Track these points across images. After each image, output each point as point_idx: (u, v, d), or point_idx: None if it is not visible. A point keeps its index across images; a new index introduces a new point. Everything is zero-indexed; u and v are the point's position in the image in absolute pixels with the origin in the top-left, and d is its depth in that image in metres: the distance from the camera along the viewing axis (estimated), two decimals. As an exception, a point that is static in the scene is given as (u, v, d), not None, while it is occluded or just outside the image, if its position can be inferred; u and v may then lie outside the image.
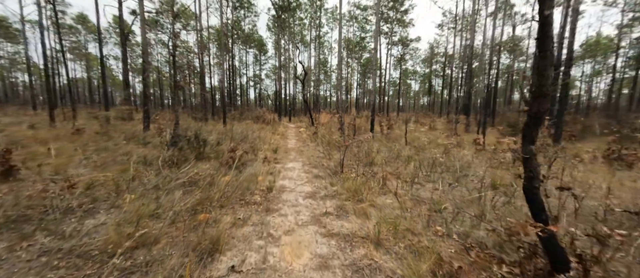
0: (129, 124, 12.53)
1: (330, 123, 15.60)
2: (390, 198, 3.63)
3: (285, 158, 6.52)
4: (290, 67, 30.65)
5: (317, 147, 8.19)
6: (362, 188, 3.77)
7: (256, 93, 45.10)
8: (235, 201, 3.44)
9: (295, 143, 9.26)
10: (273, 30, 30.42)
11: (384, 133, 10.26)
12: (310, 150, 7.67)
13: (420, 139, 8.65)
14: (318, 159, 6.45)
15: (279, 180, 4.59)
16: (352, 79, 42.39)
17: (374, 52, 9.21)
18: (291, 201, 3.61)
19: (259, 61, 39.71)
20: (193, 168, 4.68)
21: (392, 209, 3.26)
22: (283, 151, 7.46)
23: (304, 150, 7.69)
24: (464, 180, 4.41)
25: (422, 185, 4.27)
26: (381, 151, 6.68)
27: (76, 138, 7.90)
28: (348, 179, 4.43)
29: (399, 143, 8.22)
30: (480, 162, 5.71)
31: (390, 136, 10.21)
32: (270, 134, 11.16)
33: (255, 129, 12.12)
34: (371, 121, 9.95)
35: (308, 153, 7.17)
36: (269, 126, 14.86)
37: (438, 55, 36.30)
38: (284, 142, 9.48)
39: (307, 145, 8.69)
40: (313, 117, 16.10)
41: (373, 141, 8.53)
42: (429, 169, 5.10)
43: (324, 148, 7.70)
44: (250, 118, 16.97)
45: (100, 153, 5.93)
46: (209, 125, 13.55)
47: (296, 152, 7.45)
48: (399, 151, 6.53)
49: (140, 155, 5.52)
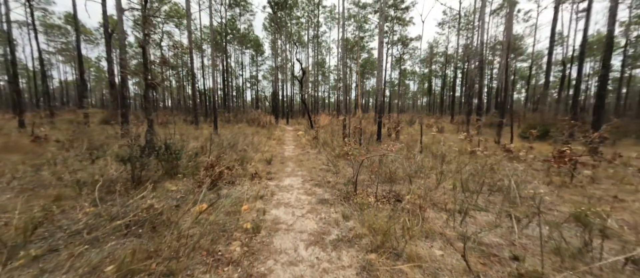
0: (110, 128, 11.17)
1: (330, 125, 14.33)
2: (440, 246, 2.36)
3: (281, 172, 5.22)
4: (287, 68, 29.39)
5: (319, 155, 6.91)
6: (392, 227, 2.49)
7: (253, 95, 43.81)
8: (198, 260, 2.14)
9: (294, 150, 7.98)
10: (269, 29, 29.12)
11: (392, 137, 9.02)
12: (312, 160, 6.38)
13: (436, 144, 7.41)
14: (322, 172, 5.16)
15: (271, 209, 3.30)
16: (351, 80, 41.26)
17: (379, 45, 7.97)
18: (287, 252, 2.32)
19: (255, 61, 38.40)
20: (154, 192, 3.38)
21: (451, 273, 1.98)
22: (279, 162, 6.16)
23: (304, 160, 6.40)
24: (529, 208, 3.15)
25: (473, 218, 3.00)
26: (396, 161, 5.42)
27: (35, 147, 6.55)
28: (366, 206, 3.15)
29: (414, 150, 6.97)
30: (527, 174, 4.47)
31: (399, 140, 8.96)
32: (266, 139, 9.86)
33: (248, 133, 10.81)
34: (378, 123, 8.71)
35: (309, 164, 5.88)
36: (265, 129, 13.54)
37: (437, 55, 35.24)
38: (280, 149, 8.18)
39: (307, 153, 7.40)
40: (312, 119, 14.82)
41: (381, 146, 7.29)
42: (469, 187, 3.84)
43: (327, 157, 6.42)
44: (245, 121, 15.65)
45: (44, 169, 4.59)
46: (198, 129, 12.21)
47: (295, 162, 6.16)
48: (420, 162, 5.26)
49: (92, 173, 4.19)
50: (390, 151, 4.38)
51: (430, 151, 6.70)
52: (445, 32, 28.19)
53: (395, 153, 5.37)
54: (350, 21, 29.26)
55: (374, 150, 5.35)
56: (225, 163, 4.54)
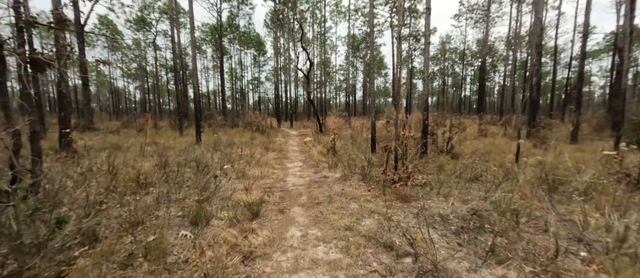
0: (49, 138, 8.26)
1: (341, 129, 11.33)
2: None
3: (278, 249, 2.23)
4: (290, 69, 26.53)
5: (346, 184, 3.91)
6: None
7: (255, 98, 41.03)
8: None
9: (301, 170, 4.99)
10: (271, 27, 26.27)
11: (445, 148, 5.99)
12: (336, 196, 3.36)
13: (505, 155, 4.37)
14: (372, 245, 2.17)
15: None
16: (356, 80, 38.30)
17: (426, 26, 4.91)
18: None
19: (258, 62, 35.62)
20: None
21: None
22: (275, 208, 3.15)
23: (322, 198, 3.37)
24: None
25: None
26: (479, 189, 2.43)
27: None
28: None
29: (489, 170, 3.95)
30: None
31: (453, 152, 5.93)
32: (263, 150, 6.90)
33: (243, 142, 7.85)
34: (423, 129, 5.70)
35: (333, 209, 2.88)
36: (264, 135, 10.58)
37: (449, 50, 32.07)
38: (280, 168, 5.19)
39: (324, 179, 4.39)
40: (321, 122, 11.84)
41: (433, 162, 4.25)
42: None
43: (366, 189, 3.43)
44: (242, 124, 12.72)
45: None
46: (183, 137, 9.28)
47: (306, 206, 3.14)
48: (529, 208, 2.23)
49: None
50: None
51: (515, 170, 3.67)
52: (461, 24, 25.03)
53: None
54: (356, 16, 26.27)
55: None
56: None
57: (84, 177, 2.67)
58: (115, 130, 12.06)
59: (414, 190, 3.51)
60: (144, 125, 11.02)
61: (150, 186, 3.75)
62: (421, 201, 3.10)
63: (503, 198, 2.83)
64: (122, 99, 46.06)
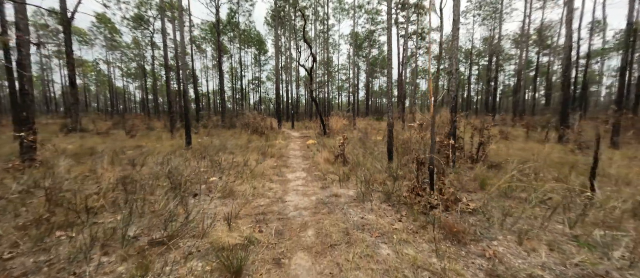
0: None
1: (345, 130, 10.30)
2: None
3: None
4: (291, 69, 25.53)
5: (365, 208, 2.90)
6: None
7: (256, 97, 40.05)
8: None
9: (305, 184, 3.97)
10: (272, 24, 25.26)
11: (475, 155, 4.96)
12: (355, 230, 2.35)
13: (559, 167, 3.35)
14: None
15: None
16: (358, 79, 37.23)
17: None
18: None
19: (258, 61, 34.61)
20: None
21: None
22: (271, 245, 2.13)
23: (338, 236, 2.36)
24: None
25: None
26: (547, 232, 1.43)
27: None
28: None
29: (554, 190, 2.94)
30: None
31: (487, 161, 4.90)
32: (259, 156, 5.88)
33: (236, 146, 6.85)
34: (452, 132, 4.68)
35: (356, 254, 1.85)
36: (263, 137, 9.58)
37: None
38: (279, 182, 4.17)
39: (333, 196, 3.38)
40: (325, 123, 10.84)
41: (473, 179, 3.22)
42: None
43: (395, 216, 2.41)
44: (239, 125, 11.71)
45: None
46: (173, 139, 8.27)
47: (315, 245, 2.12)
48: None
49: None
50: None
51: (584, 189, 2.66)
52: (469, 21, 23.93)
53: None
54: (359, 13, 25.21)
55: None
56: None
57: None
58: (104, 131, 11.10)
59: (463, 219, 2.49)
60: (133, 127, 10.04)
61: (104, 210, 2.75)
62: (484, 242, 2.08)
63: (613, 242, 1.81)
64: (123, 99, 45.15)
